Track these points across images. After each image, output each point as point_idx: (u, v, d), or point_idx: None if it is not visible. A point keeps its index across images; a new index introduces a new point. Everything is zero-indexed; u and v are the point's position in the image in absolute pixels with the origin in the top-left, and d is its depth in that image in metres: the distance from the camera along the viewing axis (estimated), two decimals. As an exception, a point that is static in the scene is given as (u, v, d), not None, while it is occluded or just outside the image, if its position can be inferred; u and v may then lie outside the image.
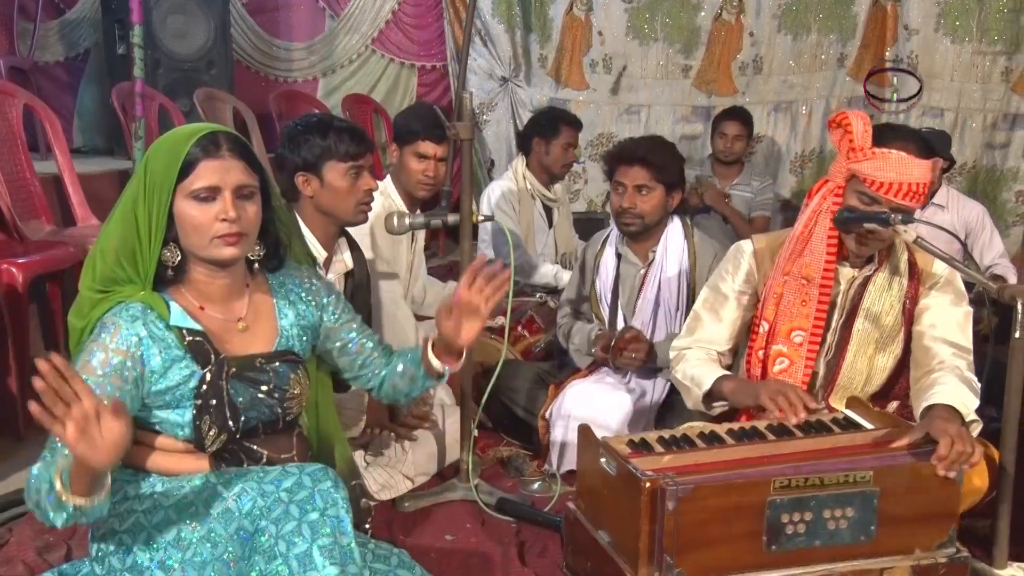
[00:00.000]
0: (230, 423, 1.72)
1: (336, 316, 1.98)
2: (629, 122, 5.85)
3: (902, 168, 2.13)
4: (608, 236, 3.11)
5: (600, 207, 5.88)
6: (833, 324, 2.33)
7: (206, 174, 1.67)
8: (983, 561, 2.15)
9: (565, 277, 3.76)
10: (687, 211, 4.51)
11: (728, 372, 2.38)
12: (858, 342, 2.31)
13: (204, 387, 1.70)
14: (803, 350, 2.30)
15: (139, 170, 1.71)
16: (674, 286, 2.94)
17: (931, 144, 2.29)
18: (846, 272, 2.32)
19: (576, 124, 4.21)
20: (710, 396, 2.34)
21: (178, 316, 1.71)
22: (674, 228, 2.99)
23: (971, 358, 2.26)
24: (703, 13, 5.68)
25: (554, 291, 3.75)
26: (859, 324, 2.31)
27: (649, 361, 2.87)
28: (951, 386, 2.14)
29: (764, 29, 5.66)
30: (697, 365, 2.38)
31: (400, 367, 2.04)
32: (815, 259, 2.27)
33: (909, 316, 2.31)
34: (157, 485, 1.70)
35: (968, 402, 2.12)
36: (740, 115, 4.85)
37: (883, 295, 2.30)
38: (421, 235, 3.30)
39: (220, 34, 5.39)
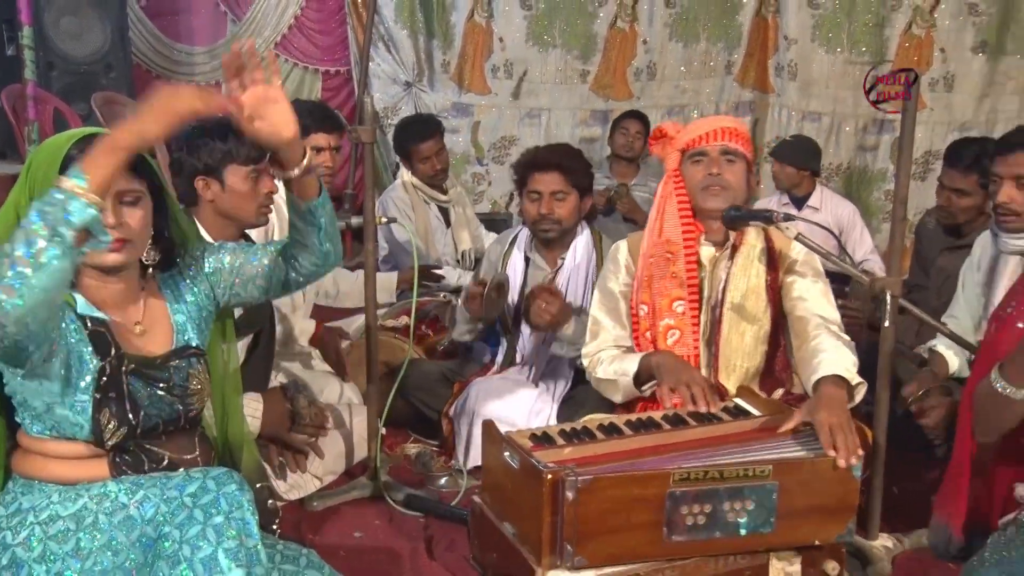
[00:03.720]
0: (130, 416, 1.64)
1: (223, 269, 1.85)
2: (531, 125, 5.88)
3: (710, 121, 2.47)
4: (516, 237, 3.11)
5: (504, 207, 5.89)
6: (704, 306, 2.42)
7: None
8: (858, 533, 2.24)
9: (468, 277, 3.75)
10: (591, 213, 4.59)
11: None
12: (729, 321, 2.40)
13: (104, 379, 1.62)
14: (688, 317, 2.38)
15: (23, 172, 1.65)
16: (580, 292, 2.96)
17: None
18: (707, 251, 2.43)
19: (427, 135, 4.08)
20: (638, 378, 2.36)
21: (83, 306, 1.65)
22: (584, 236, 3.02)
23: (840, 323, 2.37)
24: (599, 21, 5.75)
25: (458, 291, 3.73)
26: (728, 304, 2.40)
27: (559, 321, 2.78)
28: (832, 352, 2.21)
29: (656, 37, 5.76)
30: (615, 360, 2.42)
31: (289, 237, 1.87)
32: (674, 234, 2.40)
33: (772, 295, 2.41)
34: (53, 495, 1.62)
35: (850, 365, 2.19)
36: (639, 116, 5.05)
37: (745, 275, 2.40)
38: None
39: (118, 37, 5.17)
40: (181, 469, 1.67)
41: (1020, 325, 1.87)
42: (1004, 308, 1.95)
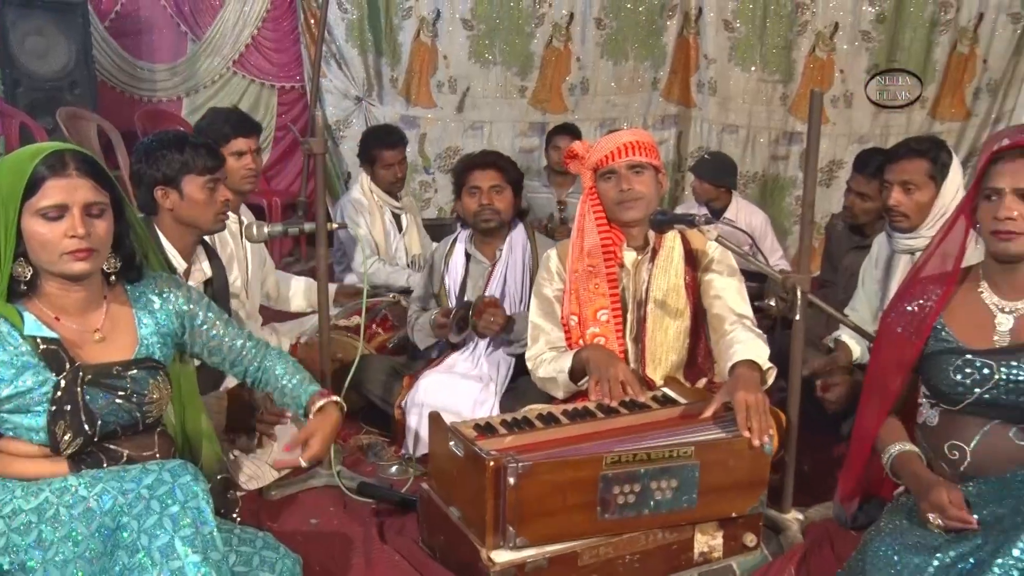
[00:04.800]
0: (86, 427, 1.60)
1: (199, 319, 1.88)
2: (473, 137, 5.86)
3: (612, 139, 2.45)
4: (456, 237, 3.11)
5: (449, 213, 5.86)
6: (630, 306, 2.44)
7: (53, 192, 1.56)
8: (772, 507, 2.28)
9: (416, 279, 3.72)
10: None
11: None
12: (653, 319, 2.42)
13: (59, 393, 1.58)
14: (611, 325, 2.40)
15: None
16: (518, 280, 2.97)
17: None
18: (629, 256, 2.45)
19: (393, 143, 4.05)
20: (573, 373, 2.37)
21: (32, 326, 1.60)
22: (518, 230, 3.04)
23: (753, 317, 2.42)
24: (536, 40, 5.77)
25: (406, 291, 3.69)
26: (652, 303, 2.42)
27: (506, 328, 2.84)
28: (746, 343, 2.26)
29: (589, 55, 5.79)
30: (554, 360, 2.43)
31: (283, 385, 1.99)
32: (595, 247, 2.42)
33: (691, 291, 2.45)
34: (17, 490, 1.57)
35: (761, 352, 2.24)
36: (570, 130, 4.95)
37: (665, 275, 2.43)
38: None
39: (82, 55, 5.03)
40: (139, 464, 1.62)
41: (899, 330, 1.92)
42: (889, 313, 2.00)
